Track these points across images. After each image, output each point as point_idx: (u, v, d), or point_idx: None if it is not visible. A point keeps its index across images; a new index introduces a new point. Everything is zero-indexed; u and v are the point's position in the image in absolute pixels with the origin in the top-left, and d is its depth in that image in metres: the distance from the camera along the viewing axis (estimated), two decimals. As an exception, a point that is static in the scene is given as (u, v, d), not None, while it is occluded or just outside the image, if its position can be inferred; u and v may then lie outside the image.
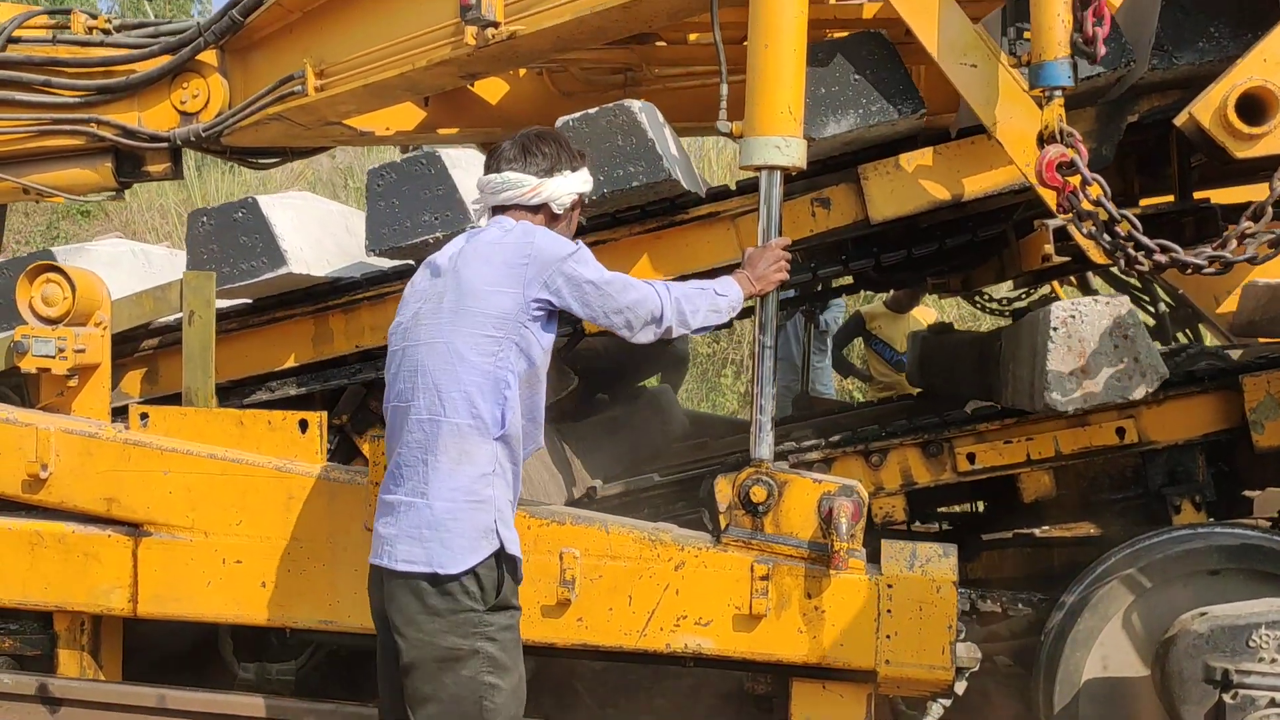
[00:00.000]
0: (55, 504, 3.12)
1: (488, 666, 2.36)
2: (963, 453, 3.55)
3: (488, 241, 2.52)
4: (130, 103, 4.15)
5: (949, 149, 3.08)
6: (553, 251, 2.46)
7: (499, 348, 2.42)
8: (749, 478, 2.84)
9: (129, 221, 11.13)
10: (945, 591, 2.75)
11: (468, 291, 2.44)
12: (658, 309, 2.52)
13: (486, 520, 2.39)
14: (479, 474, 2.40)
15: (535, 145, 2.60)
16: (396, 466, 2.47)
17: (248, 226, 3.40)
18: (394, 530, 2.41)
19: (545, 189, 2.57)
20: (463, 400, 2.40)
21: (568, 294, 2.45)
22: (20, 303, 3.13)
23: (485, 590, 2.37)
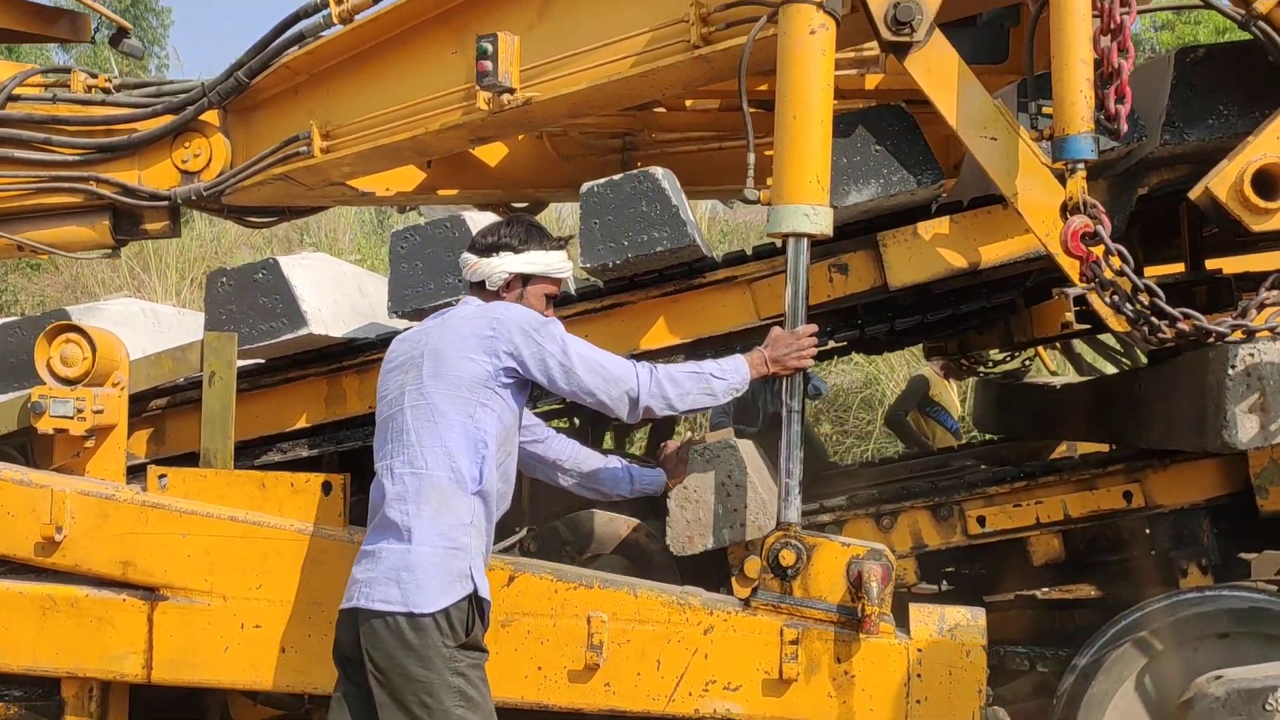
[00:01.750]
0: (69, 567, 3.06)
1: (460, 700, 2.49)
2: (973, 515, 3.59)
3: (459, 315, 2.74)
4: (130, 161, 4.17)
5: (965, 218, 3.15)
6: (517, 322, 2.67)
7: (474, 410, 2.61)
8: (778, 541, 2.85)
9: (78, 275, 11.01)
10: (975, 656, 2.77)
11: (443, 358, 2.65)
12: (633, 390, 2.68)
13: (462, 565, 2.55)
14: (459, 523, 2.57)
15: (491, 228, 2.87)
16: (380, 519, 2.62)
17: (268, 287, 3.40)
18: (372, 574, 2.56)
19: (481, 268, 2.80)
20: (443, 455, 2.59)
21: (533, 366, 2.65)
22: (39, 362, 3.10)
23: (455, 629, 2.51)
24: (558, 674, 2.88)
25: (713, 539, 2.95)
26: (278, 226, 11.62)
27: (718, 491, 2.95)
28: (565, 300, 3.55)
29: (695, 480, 2.98)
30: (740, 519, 2.93)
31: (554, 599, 2.91)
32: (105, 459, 3.14)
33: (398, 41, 3.80)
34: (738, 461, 2.95)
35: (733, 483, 2.95)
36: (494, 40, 3.48)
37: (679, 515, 2.96)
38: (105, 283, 10.88)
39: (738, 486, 2.95)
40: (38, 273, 11.03)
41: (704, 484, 2.95)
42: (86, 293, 10.77)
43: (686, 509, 2.98)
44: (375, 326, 3.80)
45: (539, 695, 2.88)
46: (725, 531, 2.94)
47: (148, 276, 10.88)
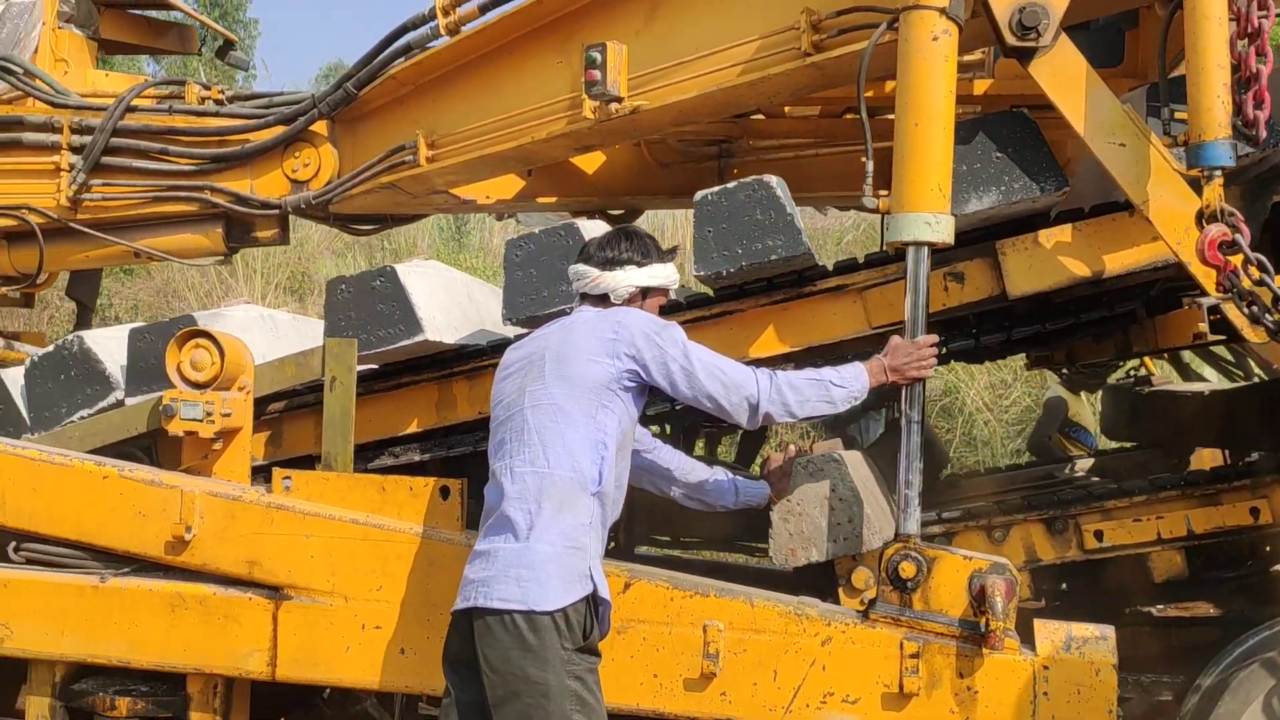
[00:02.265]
0: (197, 566, 3.15)
1: (576, 704, 2.47)
2: (1090, 530, 3.52)
3: (580, 320, 2.77)
4: (243, 171, 4.28)
5: (1088, 226, 3.09)
6: (640, 327, 2.67)
7: (596, 411, 2.62)
8: (897, 553, 2.82)
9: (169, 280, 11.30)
10: (1105, 675, 2.70)
11: (566, 360, 2.66)
12: (753, 396, 2.66)
13: (581, 566, 2.54)
14: (579, 523, 2.57)
15: (608, 240, 2.86)
16: (497, 518, 2.61)
17: (385, 294, 3.46)
18: (488, 573, 2.55)
19: (603, 281, 2.81)
20: (565, 455, 2.59)
21: (654, 370, 2.64)
22: (170, 367, 3.19)
23: (574, 630, 2.50)
24: (673, 682, 2.88)
25: (816, 553, 2.93)
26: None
27: (822, 505, 2.93)
28: (674, 308, 3.55)
29: (800, 493, 2.97)
30: (844, 533, 2.91)
31: (669, 606, 2.91)
32: (231, 461, 3.23)
33: (503, 52, 3.84)
34: (842, 475, 2.93)
35: (836, 496, 2.93)
36: (603, 50, 3.50)
37: (782, 528, 2.95)
38: (194, 287, 11.16)
39: (842, 500, 2.93)
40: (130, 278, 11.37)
41: (808, 497, 2.94)
42: (177, 296, 11.06)
43: (790, 522, 2.97)
44: (484, 333, 3.85)
45: (655, 702, 2.89)
46: (829, 545, 2.93)
47: (235, 282, 11.14)
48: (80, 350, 3.69)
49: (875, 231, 10.70)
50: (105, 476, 3.20)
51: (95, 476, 3.21)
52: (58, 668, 3.27)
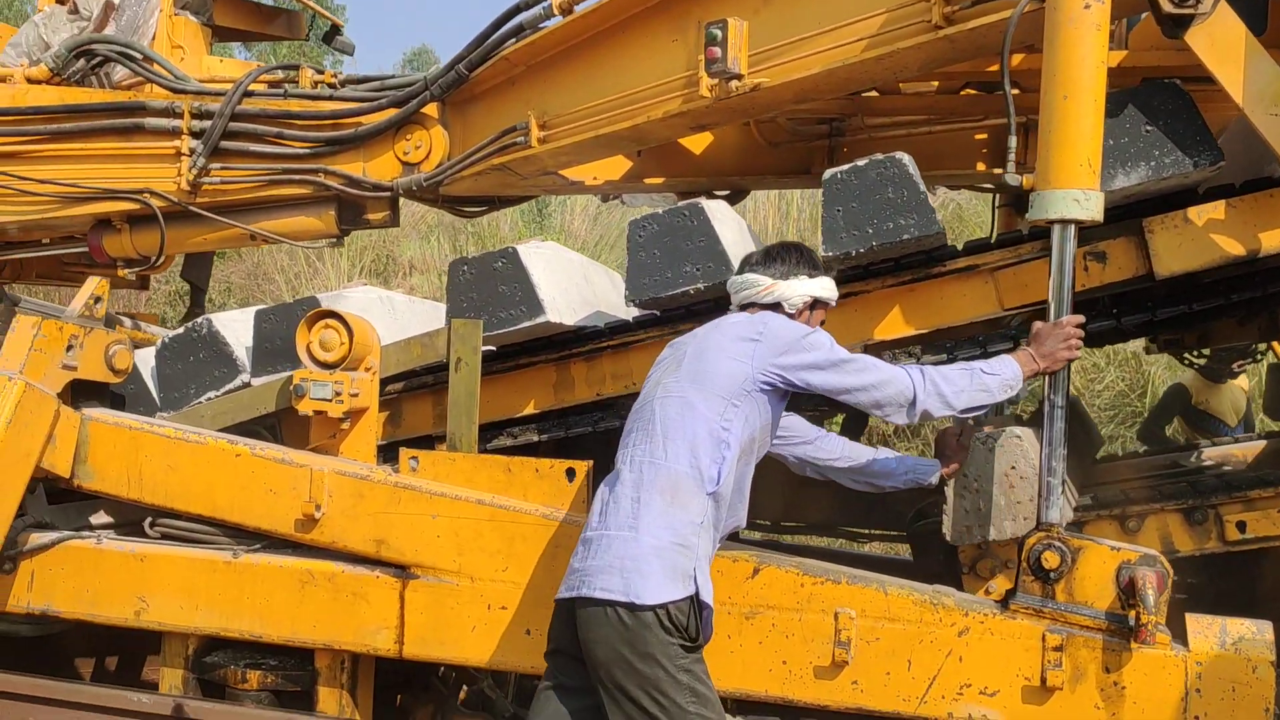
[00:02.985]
0: (326, 544, 3.18)
1: (691, 696, 2.43)
2: (1231, 520, 3.37)
3: (728, 321, 2.78)
4: (356, 154, 4.29)
5: (1243, 202, 2.94)
6: (785, 333, 2.66)
7: (726, 409, 2.58)
8: (1040, 542, 2.73)
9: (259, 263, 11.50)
10: (1262, 672, 2.58)
11: (704, 356, 2.65)
12: (908, 391, 2.60)
13: (687, 565, 2.48)
14: (690, 521, 2.51)
15: (779, 251, 2.86)
16: (606, 505, 2.58)
17: (507, 275, 3.45)
18: (592, 562, 2.52)
19: (777, 289, 2.79)
20: (685, 449, 2.55)
21: (794, 376, 2.62)
22: (299, 347, 3.23)
23: (679, 629, 2.44)
24: (803, 669, 2.83)
25: (993, 531, 2.82)
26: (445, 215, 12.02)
27: (999, 482, 2.82)
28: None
29: (976, 469, 2.85)
30: (1023, 512, 2.80)
31: (800, 593, 2.85)
32: (358, 440, 3.26)
33: (616, 31, 3.79)
34: (1024, 452, 2.82)
35: (1017, 474, 2.81)
36: (723, 26, 3.43)
37: (957, 505, 2.84)
38: (283, 270, 11.35)
39: (1023, 478, 2.80)
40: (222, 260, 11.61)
41: (986, 474, 2.82)
42: (267, 279, 11.27)
43: (965, 498, 2.86)
44: (600, 315, 3.83)
45: (783, 690, 2.84)
46: (1006, 524, 2.81)
47: (321, 265, 11.30)
48: (209, 333, 3.76)
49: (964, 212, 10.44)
50: (238, 455, 3.25)
51: (229, 454, 3.26)
52: (191, 640, 3.35)
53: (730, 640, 2.89)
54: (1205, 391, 6.09)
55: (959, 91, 4.69)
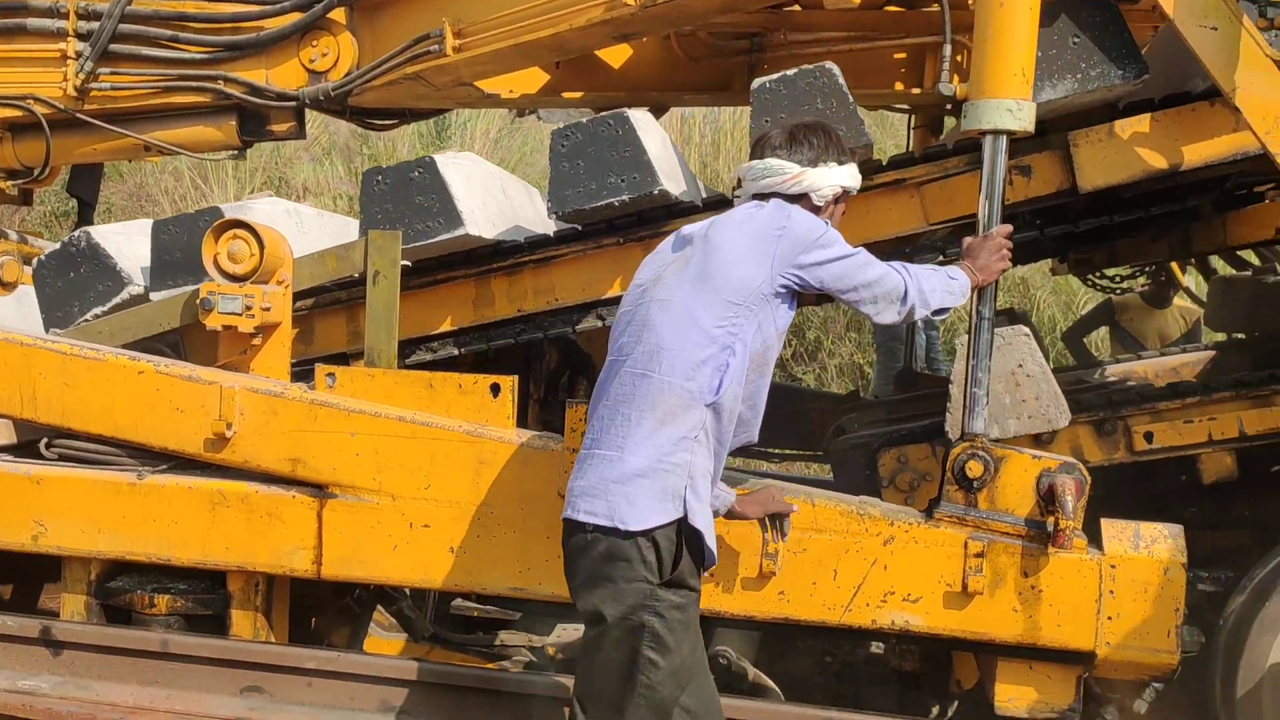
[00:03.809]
0: (238, 464, 3.06)
1: (650, 642, 2.28)
2: (1139, 431, 3.47)
3: (742, 215, 2.48)
4: (258, 60, 4.08)
5: (1166, 116, 2.97)
6: (805, 229, 2.41)
7: (736, 315, 2.36)
8: (964, 452, 2.76)
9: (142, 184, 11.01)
10: (1173, 573, 2.66)
11: (714, 257, 2.40)
12: (900, 287, 2.46)
13: (676, 484, 2.31)
14: (679, 437, 2.32)
15: (804, 134, 2.54)
16: (598, 421, 2.42)
17: (424, 186, 3.33)
18: (580, 483, 2.39)
19: (807, 178, 2.51)
20: (683, 361, 2.34)
21: (809, 275, 2.40)
22: (206, 258, 3.07)
23: (662, 561, 2.30)
24: (731, 581, 2.83)
25: (997, 429, 2.80)
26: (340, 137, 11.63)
27: (1008, 380, 2.79)
28: (722, 202, 3.44)
29: None
30: (1028, 410, 2.78)
31: (729, 506, 2.84)
32: (270, 357, 3.13)
33: (535, -67, 3.63)
34: (1031, 350, 2.78)
35: (1024, 372, 2.78)
36: (650, -72, 3.31)
37: (960, 401, 2.81)
38: (168, 192, 10.87)
39: (1029, 376, 2.77)
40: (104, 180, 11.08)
41: (993, 371, 2.74)
42: (150, 200, 10.78)
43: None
44: (520, 230, 3.72)
45: (711, 602, 2.83)
46: (1011, 422, 2.79)
47: (208, 187, 10.87)
48: (88, 246, 3.56)
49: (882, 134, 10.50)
50: (141, 372, 3.10)
51: (130, 371, 3.10)
52: (93, 565, 3.21)
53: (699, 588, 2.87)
54: (1134, 312, 6.25)
55: (882, 8, 4.65)
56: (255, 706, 2.98)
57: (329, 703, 2.97)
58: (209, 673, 3.03)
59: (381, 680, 2.96)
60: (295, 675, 2.99)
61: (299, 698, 2.99)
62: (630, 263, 3.51)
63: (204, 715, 2.97)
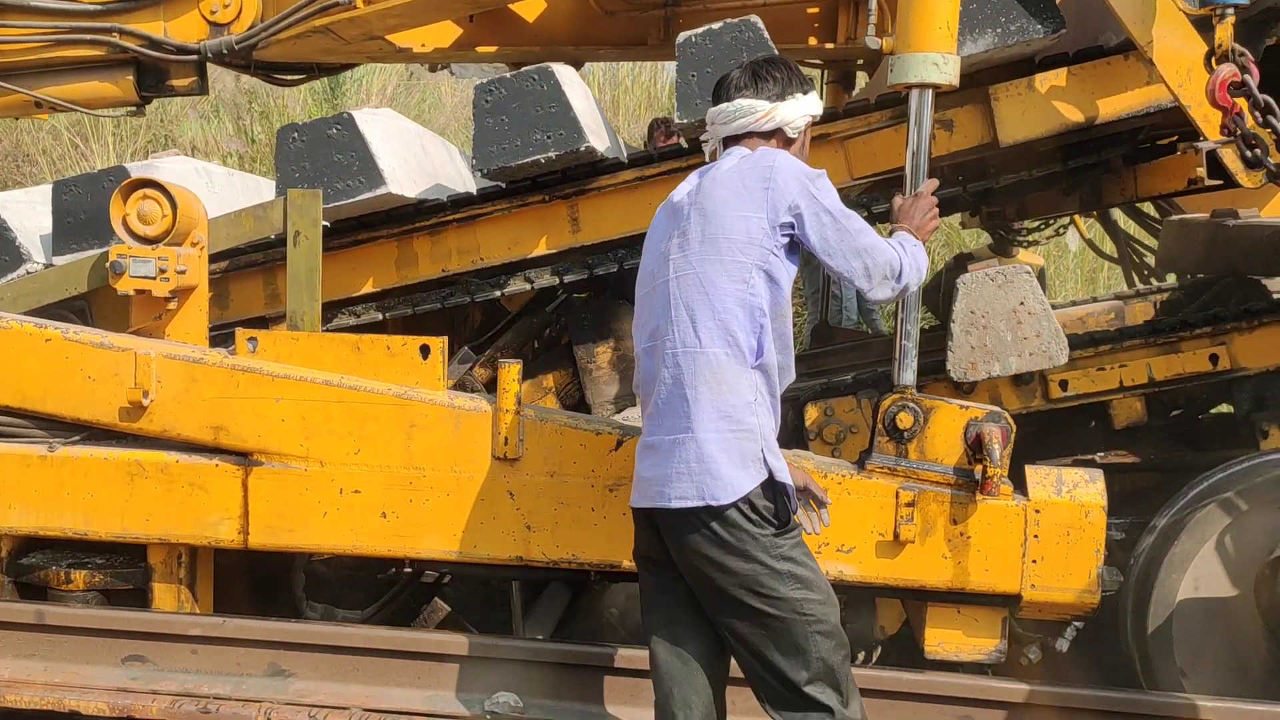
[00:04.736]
0: (156, 433, 2.96)
1: (794, 583, 2.32)
2: (1055, 380, 3.56)
3: (728, 170, 2.42)
4: (155, 11, 3.92)
5: (1083, 70, 3.03)
6: (794, 174, 2.36)
7: (749, 274, 2.34)
8: (894, 404, 2.80)
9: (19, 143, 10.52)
10: (1094, 516, 2.76)
11: (713, 219, 2.37)
12: (896, 261, 2.39)
13: (753, 448, 2.33)
14: (742, 402, 2.33)
15: (765, 71, 2.50)
16: (655, 408, 2.40)
17: (342, 144, 3.23)
18: (662, 471, 2.35)
19: (779, 113, 2.47)
20: (719, 329, 2.33)
21: (808, 220, 2.34)
22: (115, 220, 2.93)
23: (764, 516, 2.32)
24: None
25: (998, 367, 2.81)
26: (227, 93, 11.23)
27: (1009, 318, 2.79)
28: (646, 160, 3.42)
29: (985, 304, 2.79)
30: (1030, 348, 2.80)
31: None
32: (186, 321, 3.01)
33: (447, -122, 3.54)
34: (1033, 287, 2.79)
35: (1025, 309, 2.79)
36: (569, -128, 3.24)
37: (963, 340, 2.80)
38: (47, 151, 10.40)
39: (1031, 314, 2.78)
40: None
41: (995, 309, 2.77)
42: (28, 161, 10.32)
43: (972, 334, 2.83)
44: (440, 188, 3.65)
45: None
46: (1012, 359, 2.81)
47: (86, 148, 10.43)
48: None
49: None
50: (48, 339, 2.96)
51: (37, 339, 2.96)
52: (3, 541, 3.09)
53: (594, 513, 2.88)
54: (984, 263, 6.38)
55: (792, -38, 4.64)
56: (137, 676, 2.92)
57: (215, 669, 2.93)
58: (88, 643, 2.97)
59: (268, 644, 2.92)
60: (178, 642, 2.95)
61: (183, 665, 2.94)
62: (554, 220, 3.48)
63: (84, 687, 2.91)
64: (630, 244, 3.44)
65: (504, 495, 2.89)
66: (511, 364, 2.86)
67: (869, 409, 3.41)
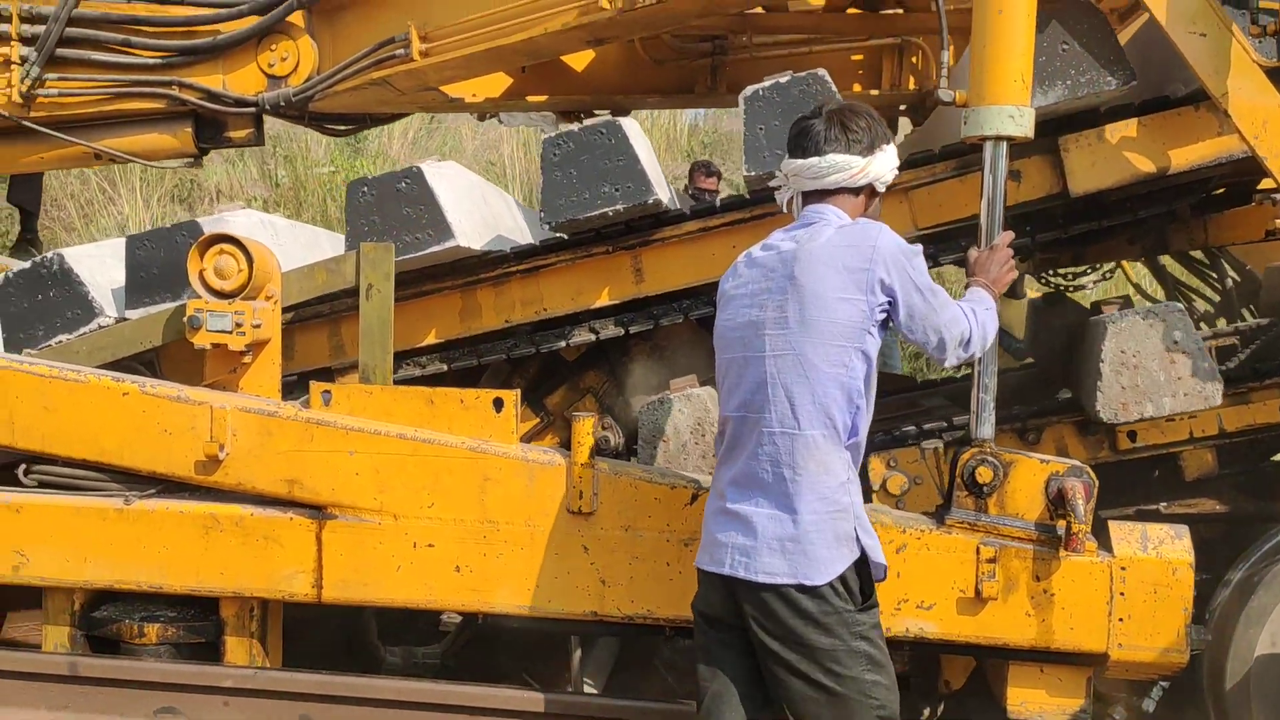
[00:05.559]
0: (231, 486, 2.96)
1: (867, 664, 2.32)
2: (1123, 431, 3.51)
3: (827, 243, 2.38)
4: (214, 65, 3.99)
5: (1154, 120, 3.03)
6: (895, 255, 2.35)
7: (848, 357, 2.33)
8: (973, 458, 2.77)
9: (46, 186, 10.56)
10: (1181, 574, 2.71)
11: (813, 299, 2.34)
12: (967, 332, 2.41)
13: (847, 528, 2.34)
14: (838, 483, 2.35)
15: (852, 121, 2.46)
16: (744, 476, 2.39)
17: (412, 197, 3.26)
18: (748, 542, 2.34)
19: (872, 168, 2.46)
20: (818, 412, 2.33)
21: (901, 301, 2.34)
22: (192, 275, 2.96)
23: (853, 593, 2.33)
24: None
25: (1151, 407, 2.77)
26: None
27: (1161, 357, 2.76)
28: (710, 211, 3.42)
29: (1135, 344, 2.78)
30: (1183, 388, 2.76)
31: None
32: (260, 375, 3.03)
33: (504, -64, 3.58)
34: (1185, 325, 2.75)
35: (1179, 348, 2.76)
36: (632, -67, 3.28)
37: (1113, 381, 2.76)
38: (74, 196, 10.53)
39: (1184, 352, 2.76)
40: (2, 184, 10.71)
41: (1146, 348, 2.74)
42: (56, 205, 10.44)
43: (1123, 375, 2.80)
44: (501, 239, 3.67)
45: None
46: (1166, 400, 2.78)
47: (114, 192, 10.55)
48: (60, 270, 3.42)
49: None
50: (126, 393, 2.98)
51: (114, 393, 2.98)
52: (76, 595, 3.09)
53: (669, 568, 2.86)
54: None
55: (845, 10, 4.68)
56: (169, 728, 2.92)
57: (248, 721, 2.90)
58: (120, 695, 2.96)
59: (300, 697, 2.92)
60: (211, 695, 2.94)
61: (216, 716, 2.93)
62: (618, 271, 3.48)
63: (116, 738, 2.90)
64: (694, 294, 3.44)
65: (578, 549, 2.88)
66: (586, 417, 2.86)
67: (933, 460, 3.39)
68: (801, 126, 2.50)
